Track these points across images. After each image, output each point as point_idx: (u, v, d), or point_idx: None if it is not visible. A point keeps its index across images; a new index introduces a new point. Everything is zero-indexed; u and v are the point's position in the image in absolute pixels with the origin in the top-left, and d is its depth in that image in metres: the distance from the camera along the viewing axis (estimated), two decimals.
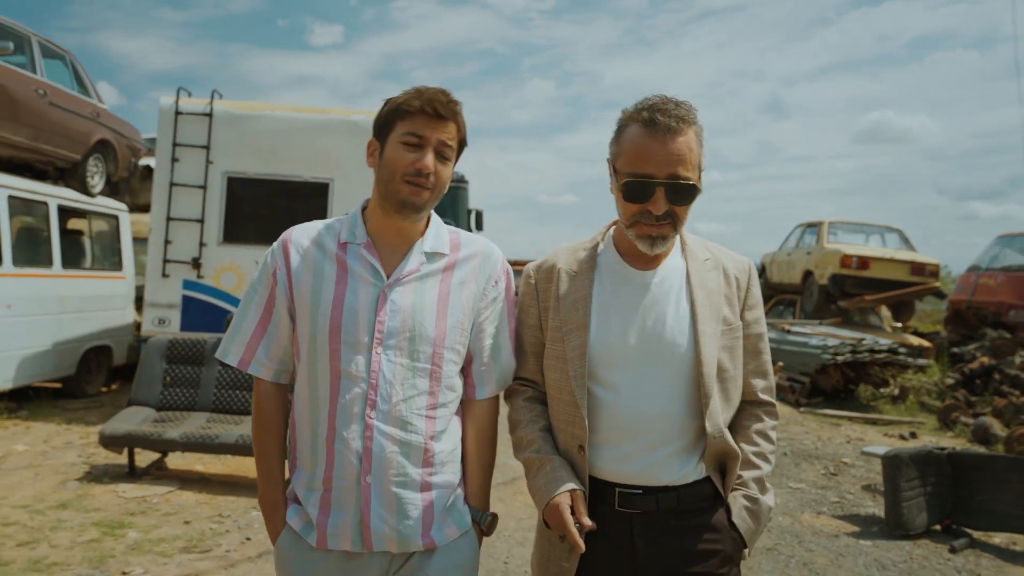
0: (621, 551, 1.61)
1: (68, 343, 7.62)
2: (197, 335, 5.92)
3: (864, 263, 11.47)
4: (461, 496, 1.67)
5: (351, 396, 1.55)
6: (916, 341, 10.90)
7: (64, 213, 7.73)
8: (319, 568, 1.60)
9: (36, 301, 7.13)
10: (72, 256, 7.88)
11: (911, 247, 12.37)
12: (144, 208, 10.00)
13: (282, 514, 1.65)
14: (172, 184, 7.10)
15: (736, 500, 1.65)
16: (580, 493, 1.58)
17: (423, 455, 1.58)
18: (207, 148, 7.14)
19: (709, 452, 1.61)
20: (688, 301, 1.63)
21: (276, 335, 1.65)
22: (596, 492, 1.62)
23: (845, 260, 11.48)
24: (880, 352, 9.42)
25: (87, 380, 8.08)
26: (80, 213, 8.14)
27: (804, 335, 9.87)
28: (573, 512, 1.55)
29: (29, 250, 7.23)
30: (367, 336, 1.56)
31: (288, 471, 1.69)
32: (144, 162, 9.78)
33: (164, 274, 7.11)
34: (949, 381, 9.41)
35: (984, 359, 9.49)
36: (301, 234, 1.65)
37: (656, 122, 1.52)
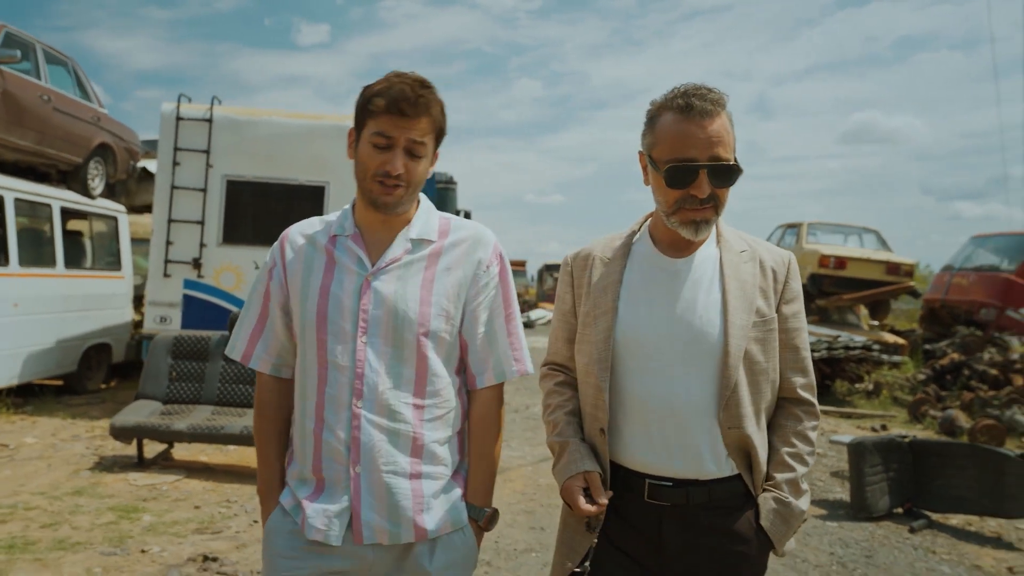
0: (650, 543, 1.60)
1: (70, 341, 7.87)
2: (201, 332, 6.19)
3: (841, 263, 11.83)
4: (458, 489, 1.65)
5: (338, 386, 1.55)
6: (891, 338, 11.30)
7: (66, 215, 7.97)
8: (303, 551, 1.57)
9: (41, 300, 7.38)
10: (74, 256, 8.13)
11: (887, 247, 12.77)
12: (140, 209, 10.27)
13: (276, 498, 1.67)
14: (173, 187, 7.36)
15: (766, 502, 1.61)
16: (596, 475, 1.57)
17: (411, 444, 1.57)
18: (207, 152, 7.40)
19: (727, 444, 1.58)
20: (720, 290, 1.61)
21: (272, 330, 1.68)
22: (626, 482, 1.62)
23: (823, 260, 11.84)
24: (855, 349, 9.76)
25: (88, 377, 8.33)
26: (81, 214, 8.38)
27: None
28: (589, 494, 1.56)
29: (33, 250, 7.47)
30: (351, 325, 1.56)
31: (287, 462, 1.71)
32: (141, 164, 10.02)
33: (166, 274, 7.37)
34: (921, 377, 9.80)
35: (954, 355, 9.87)
36: (297, 230, 1.68)
37: (692, 107, 1.52)
